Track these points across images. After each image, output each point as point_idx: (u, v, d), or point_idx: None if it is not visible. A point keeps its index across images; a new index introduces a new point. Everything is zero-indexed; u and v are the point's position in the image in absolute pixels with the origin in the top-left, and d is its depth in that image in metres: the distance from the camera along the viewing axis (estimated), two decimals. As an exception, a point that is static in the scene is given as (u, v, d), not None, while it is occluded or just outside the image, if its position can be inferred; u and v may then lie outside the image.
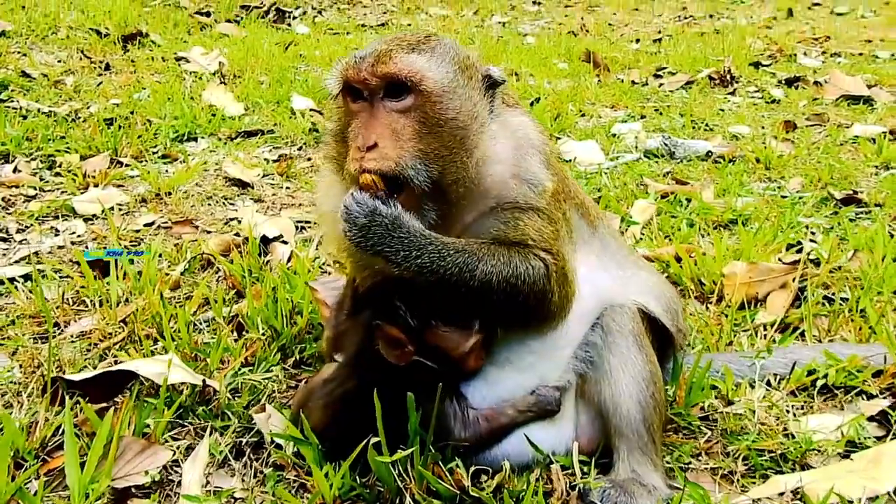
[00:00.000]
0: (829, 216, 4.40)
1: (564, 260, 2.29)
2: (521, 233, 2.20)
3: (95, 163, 4.77)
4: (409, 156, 2.05)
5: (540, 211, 2.24)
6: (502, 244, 2.18)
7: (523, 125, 2.34)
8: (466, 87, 2.16)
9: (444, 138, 2.10)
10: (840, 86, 7.60)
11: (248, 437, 2.44)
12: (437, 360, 2.16)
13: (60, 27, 8.53)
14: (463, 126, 2.13)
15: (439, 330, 2.15)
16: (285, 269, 3.34)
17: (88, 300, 3.20)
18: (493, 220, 2.22)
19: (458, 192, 2.16)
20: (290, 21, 10.72)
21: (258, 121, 5.99)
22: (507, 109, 2.35)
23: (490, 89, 2.24)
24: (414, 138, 2.07)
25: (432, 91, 2.09)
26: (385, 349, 2.15)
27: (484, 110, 2.20)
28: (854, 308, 3.28)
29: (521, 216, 2.21)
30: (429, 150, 2.08)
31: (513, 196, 2.22)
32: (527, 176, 2.24)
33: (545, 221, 2.25)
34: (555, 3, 15.81)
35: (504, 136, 2.26)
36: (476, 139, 2.17)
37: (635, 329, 2.39)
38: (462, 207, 2.21)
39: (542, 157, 2.30)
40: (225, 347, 2.81)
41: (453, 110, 2.11)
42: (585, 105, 7.10)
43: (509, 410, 2.27)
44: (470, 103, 2.16)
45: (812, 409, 2.68)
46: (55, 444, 2.35)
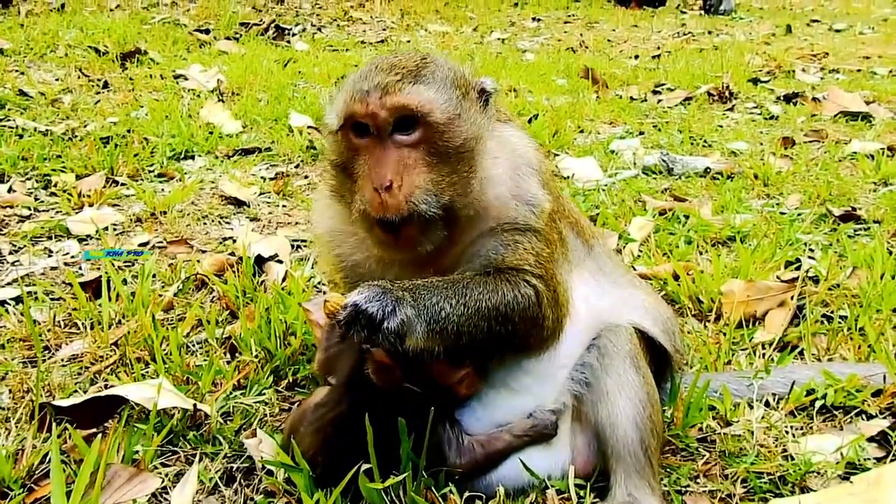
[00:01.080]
0: (827, 233, 4.37)
1: (557, 283, 2.26)
2: (518, 257, 2.18)
3: (91, 182, 4.75)
4: (423, 190, 2.02)
5: (538, 233, 2.22)
6: (494, 272, 2.16)
7: (520, 143, 2.31)
8: (468, 110, 2.14)
9: (453, 165, 2.08)
10: (838, 102, 7.59)
11: (238, 463, 2.40)
12: (426, 386, 2.13)
13: (59, 45, 8.58)
14: (469, 149, 2.12)
15: (429, 360, 2.12)
16: (279, 290, 3.31)
17: (80, 322, 3.17)
18: (492, 242, 2.19)
19: (467, 214, 2.14)
20: (290, 38, 10.76)
21: (256, 138, 5.98)
22: (501, 125, 2.32)
23: (485, 102, 2.22)
24: (426, 171, 2.04)
25: (441, 122, 2.07)
26: (375, 374, 2.12)
27: (483, 128, 2.18)
28: (853, 326, 3.25)
29: (521, 238, 2.19)
30: (440, 178, 2.06)
31: (512, 217, 2.19)
32: (526, 196, 2.22)
33: (542, 244, 2.23)
34: (554, 20, 15.89)
35: (502, 155, 2.24)
36: (479, 159, 2.15)
37: (632, 350, 2.36)
38: (464, 228, 2.19)
39: (540, 176, 2.28)
40: (217, 370, 2.78)
41: (460, 136, 2.10)
42: (584, 121, 7.10)
43: (505, 436, 2.23)
44: (474, 126, 2.14)
45: (811, 430, 2.64)
46: (42, 471, 2.31)
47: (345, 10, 13.72)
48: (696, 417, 2.60)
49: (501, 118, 2.35)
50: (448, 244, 2.17)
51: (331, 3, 14.44)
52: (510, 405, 2.29)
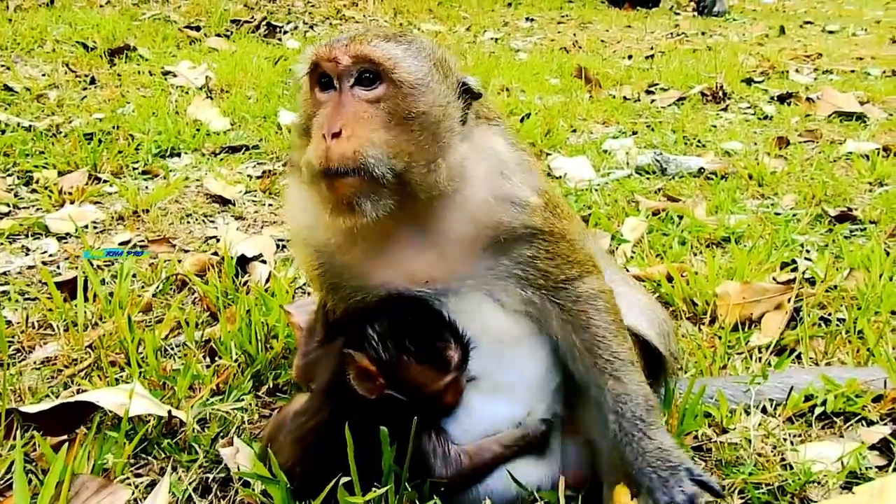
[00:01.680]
0: (823, 234, 4.30)
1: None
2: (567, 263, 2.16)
3: (73, 179, 4.65)
4: (374, 146, 1.90)
5: (540, 231, 2.13)
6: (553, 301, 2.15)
7: (503, 145, 2.19)
8: (440, 85, 2.02)
9: (412, 133, 1.96)
10: (832, 102, 7.55)
11: (214, 473, 2.30)
12: (410, 394, 2.04)
13: (47, 40, 8.44)
14: (434, 122, 1.99)
15: (412, 365, 2.03)
16: (262, 291, 3.21)
17: (55, 324, 3.06)
18: (524, 266, 2.12)
19: (427, 196, 2.01)
20: (281, 36, 10.64)
21: (244, 136, 5.88)
22: (486, 127, 2.21)
23: (466, 98, 2.10)
24: (381, 128, 1.93)
25: (405, 81, 1.96)
26: (356, 381, 2.02)
27: (456, 113, 2.06)
28: (851, 329, 3.17)
29: (553, 244, 2.14)
30: (395, 142, 1.93)
31: (504, 221, 2.08)
32: (511, 196, 2.10)
33: (551, 238, 2.16)
34: (548, 20, 15.81)
35: (482, 155, 2.12)
36: (447, 142, 2.03)
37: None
38: (428, 215, 2.06)
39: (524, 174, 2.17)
40: (194, 374, 2.68)
41: (424, 104, 1.98)
42: (577, 121, 7.02)
43: (494, 446, 2.13)
44: (443, 101, 2.02)
45: (810, 437, 2.55)
46: (7, 482, 2.20)
47: (337, 8, 13.60)
48: (692, 425, 2.51)
49: (489, 119, 2.24)
50: (430, 239, 2.08)
51: (323, 1, 14.31)
52: (502, 414, 2.18)
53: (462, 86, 2.09)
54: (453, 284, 2.11)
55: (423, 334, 2.05)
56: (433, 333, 2.05)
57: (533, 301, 2.15)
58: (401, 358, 2.02)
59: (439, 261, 2.09)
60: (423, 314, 2.07)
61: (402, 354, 2.02)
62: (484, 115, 2.22)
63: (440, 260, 2.09)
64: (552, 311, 2.15)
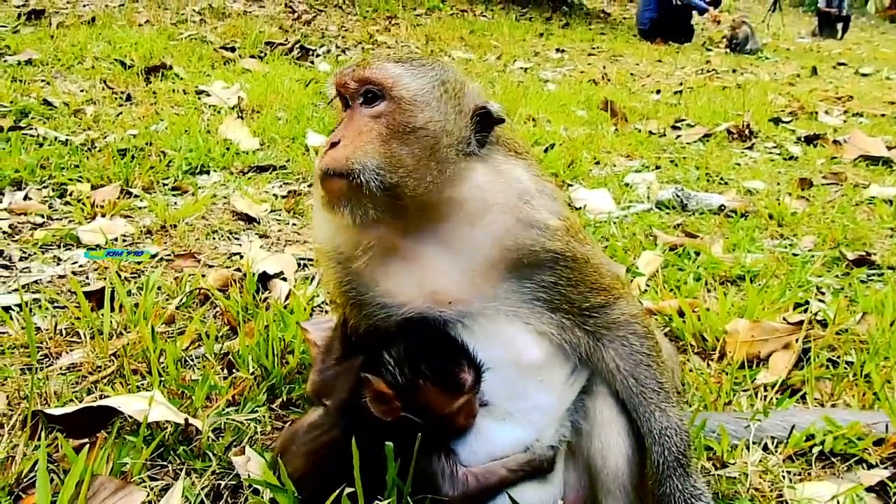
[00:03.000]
0: (839, 276, 4.32)
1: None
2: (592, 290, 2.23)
3: (106, 192, 4.80)
4: (367, 155, 2.04)
5: (563, 255, 2.20)
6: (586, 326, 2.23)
7: (523, 173, 2.26)
8: (444, 104, 2.13)
9: (409, 147, 2.08)
10: (860, 146, 7.53)
11: (226, 480, 2.39)
12: (425, 416, 2.11)
13: (86, 57, 8.68)
14: (432, 138, 2.09)
15: (427, 388, 2.10)
16: (281, 308, 3.31)
17: (81, 332, 3.18)
18: (548, 291, 2.19)
19: (427, 207, 2.12)
20: (314, 59, 10.85)
21: (272, 156, 6.02)
22: (508, 156, 2.29)
23: (482, 122, 2.19)
24: (376, 141, 2.06)
25: (403, 97, 2.09)
26: (372, 403, 2.09)
27: (463, 133, 2.15)
28: (859, 372, 3.20)
29: (576, 270, 2.21)
30: (391, 155, 2.06)
31: (526, 244, 2.15)
32: (532, 220, 2.18)
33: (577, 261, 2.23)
34: (578, 52, 15.96)
35: (502, 182, 2.20)
36: (451, 161, 2.12)
37: None
38: (462, 241, 2.15)
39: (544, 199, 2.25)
40: (212, 385, 2.78)
41: (423, 120, 2.09)
42: (601, 153, 7.09)
43: (501, 470, 2.18)
44: (444, 119, 2.12)
45: (809, 477, 2.59)
46: (31, 479, 2.30)
47: (370, 33, 13.84)
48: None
49: (516, 151, 2.32)
50: (449, 255, 2.15)
51: (357, 26, 14.57)
52: (512, 439, 2.23)
53: (479, 109, 2.19)
54: (476, 306, 2.18)
55: (437, 358, 2.11)
56: (447, 357, 2.12)
57: (563, 325, 2.22)
58: (416, 382, 2.09)
59: (462, 282, 2.17)
60: (437, 338, 2.14)
61: (417, 378, 2.09)
62: (510, 145, 2.31)
63: (463, 281, 2.17)
64: (583, 338, 2.24)
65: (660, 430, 2.18)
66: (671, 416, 2.20)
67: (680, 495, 2.15)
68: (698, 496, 2.17)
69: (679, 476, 2.16)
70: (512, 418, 2.24)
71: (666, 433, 2.18)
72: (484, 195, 2.16)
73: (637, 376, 2.22)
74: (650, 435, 2.19)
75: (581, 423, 2.29)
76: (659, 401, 2.20)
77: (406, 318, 2.19)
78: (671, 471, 2.16)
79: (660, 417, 2.19)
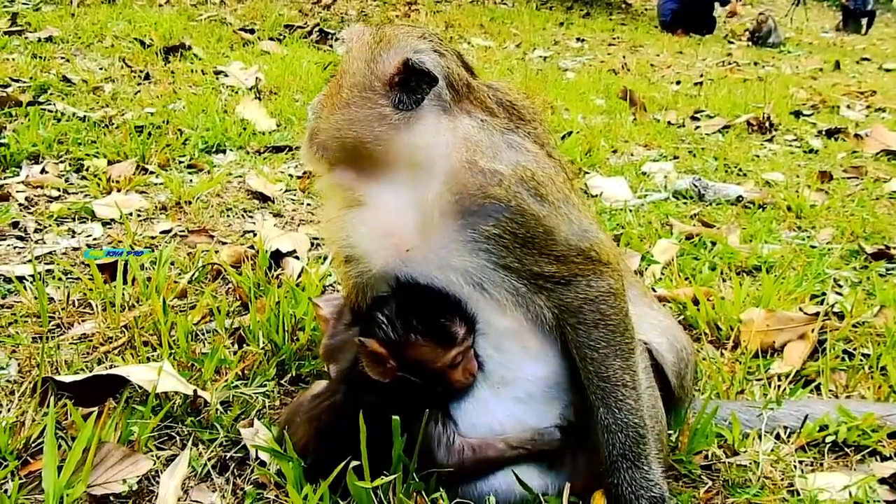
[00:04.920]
0: (857, 269, 4.26)
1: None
2: (545, 256, 2.13)
3: (122, 168, 4.81)
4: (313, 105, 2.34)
5: (509, 206, 2.09)
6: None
7: (473, 123, 2.21)
8: (364, 64, 2.22)
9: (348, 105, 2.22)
10: (882, 140, 7.43)
11: (233, 452, 2.39)
12: (421, 374, 2.10)
13: (106, 36, 8.71)
14: (356, 88, 2.21)
15: (419, 342, 2.09)
16: (293, 285, 3.31)
17: (94, 303, 3.19)
18: (493, 244, 2.09)
19: (372, 156, 2.18)
20: (332, 42, 10.83)
21: (288, 137, 6.01)
22: (469, 108, 2.25)
23: (412, 79, 2.14)
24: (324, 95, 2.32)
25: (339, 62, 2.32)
26: (369, 366, 2.09)
27: (386, 90, 2.18)
28: (875, 365, 3.15)
29: (522, 227, 2.09)
30: (335, 110, 2.24)
31: (468, 191, 2.09)
32: (486, 165, 2.12)
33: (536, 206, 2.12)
34: (598, 41, 15.84)
35: (446, 130, 2.17)
36: (385, 116, 2.16)
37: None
38: (416, 191, 2.15)
39: (502, 148, 2.19)
40: (221, 359, 2.77)
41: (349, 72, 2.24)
42: (618, 142, 7.03)
43: (499, 444, 2.17)
44: (364, 75, 2.21)
45: (821, 467, 2.56)
46: (39, 445, 2.31)
47: (390, 18, 13.81)
48: (702, 444, 2.54)
49: (481, 107, 2.26)
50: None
51: (376, 11, 14.54)
52: (506, 408, 2.20)
53: (406, 64, 2.14)
54: (432, 257, 2.12)
55: (427, 312, 2.10)
56: (437, 311, 2.10)
57: (518, 289, 2.12)
58: (408, 336, 2.08)
59: (415, 227, 2.14)
60: (428, 294, 2.13)
61: (409, 333, 2.08)
62: (484, 105, 2.27)
63: (415, 226, 2.14)
64: (539, 306, 2.15)
65: (605, 426, 2.14)
66: (617, 409, 2.13)
67: (627, 486, 2.13)
68: (648, 487, 2.14)
69: (627, 468, 2.13)
70: (507, 387, 2.20)
71: (609, 429, 2.14)
72: (426, 144, 2.15)
73: (586, 365, 2.14)
74: (597, 425, 2.16)
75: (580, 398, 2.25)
76: (603, 395, 2.13)
77: (383, 275, 2.19)
78: (618, 464, 2.14)
79: (604, 414, 2.13)
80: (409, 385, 2.10)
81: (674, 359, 2.46)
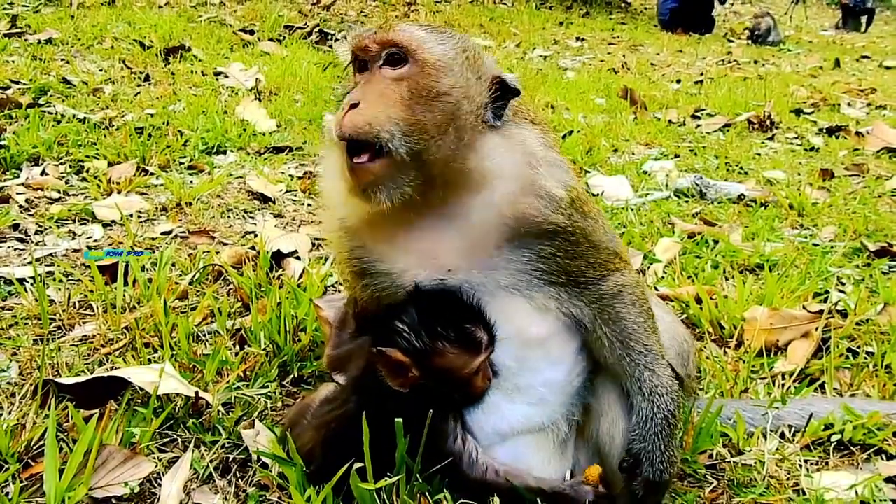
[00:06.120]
0: (860, 267, 4.25)
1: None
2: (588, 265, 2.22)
3: (122, 170, 4.80)
4: (387, 119, 1.98)
5: (566, 231, 2.17)
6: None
7: (534, 140, 2.22)
8: (466, 72, 2.10)
9: (432, 112, 2.03)
10: (883, 137, 7.42)
11: (235, 454, 2.38)
12: (442, 382, 2.08)
13: (106, 38, 8.68)
14: (454, 104, 2.05)
15: (446, 350, 2.07)
16: (294, 285, 3.29)
17: (94, 305, 3.18)
18: (545, 262, 2.16)
19: (445, 177, 2.07)
20: (332, 43, 10.80)
21: (288, 137, 6.00)
22: (526, 122, 2.26)
23: (500, 93, 2.15)
24: (399, 105, 2.00)
25: (427, 61, 2.04)
26: (389, 376, 2.07)
27: (482, 101, 2.12)
28: (879, 363, 3.14)
29: (574, 245, 2.18)
30: (413, 120, 2.00)
31: (531, 215, 2.12)
32: (542, 190, 2.14)
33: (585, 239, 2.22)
34: (598, 41, 15.82)
35: (512, 149, 2.17)
36: (470, 129, 2.08)
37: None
38: (465, 208, 2.11)
39: (554, 168, 2.21)
40: (223, 360, 2.76)
41: (446, 86, 2.05)
42: (619, 141, 7.02)
43: (528, 480, 2.13)
44: (466, 86, 2.08)
45: (826, 466, 2.55)
46: (40, 447, 2.30)
47: (389, 19, 13.79)
48: (707, 443, 2.53)
49: (532, 121, 2.28)
50: (448, 220, 2.12)
51: (376, 11, 14.53)
52: (519, 412, 2.21)
53: (496, 80, 2.15)
54: (476, 277, 2.14)
55: (452, 319, 2.08)
56: (459, 318, 2.09)
57: (560, 298, 2.19)
58: (435, 345, 2.06)
59: (462, 249, 2.13)
60: (447, 301, 2.11)
61: (436, 341, 2.06)
62: (528, 116, 2.28)
63: (463, 248, 2.13)
64: (579, 307, 2.21)
65: (650, 388, 2.15)
66: (661, 375, 2.17)
67: (659, 455, 2.11)
68: (673, 463, 2.14)
69: (664, 436, 2.12)
70: (521, 393, 2.22)
71: (657, 391, 2.15)
72: (492, 163, 2.12)
73: (623, 340, 2.19)
74: (639, 392, 2.16)
75: (591, 401, 2.28)
76: (647, 362, 2.18)
77: (411, 288, 2.16)
78: (658, 429, 2.12)
79: (649, 377, 2.16)
80: (426, 392, 2.08)
81: (676, 351, 2.47)
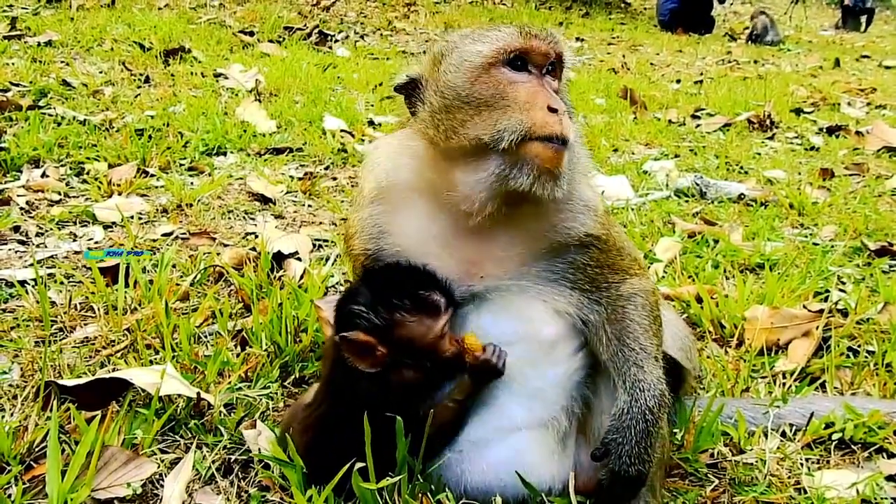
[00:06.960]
0: (860, 266, 4.25)
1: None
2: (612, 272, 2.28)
3: (122, 171, 4.80)
4: (570, 126, 2.08)
5: (602, 241, 2.25)
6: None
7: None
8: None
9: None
10: (883, 137, 7.41)
11: (237, 455, 2.38)
12: (411, 353, 2.08)
13: (105, 40, 8.71)
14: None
15: (406, 319, 2.06)
16: (295, 286, 3.30)
17: (96, 306, 3.18)
18: (575, 271, 2.21)
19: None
20: (332, 44, 10.83)
21: (288, 139, 6.01)
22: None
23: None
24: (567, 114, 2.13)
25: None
26: (356, 360, 2.06)
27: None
28: (880, 362, 3.14)
29: (605, 252, 2.25)
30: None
31: (579, 223, 2.20)
32: (584, 199, 2.23)
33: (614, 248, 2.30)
34: (598, 41, 15.83)
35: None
36: None
37: None
38: (520, 217, 2.17)
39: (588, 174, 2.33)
40: (225, 361, 2.77)
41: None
42: (619, 141, 7.03)
43: None
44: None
45: (828, 465, 2.55)
46: (42, 449, 2.30)
47: (389, 20, 13.81)
48: (708, 442, 2.53)
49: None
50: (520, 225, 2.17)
51: (375, 12, 14.54)
52: (520, 409, 2.21)
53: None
54: (505, 282, 2.19)
55: (405, 287, 2.09)
56: (413, 285, 2.10)
57: (581, 303, 2.24)
58: (393, 316, 2.06)
59: (504, 258, 2.19)
60: (398, 272, 2.14)
61: (393, 313, 2.06)
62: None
63: (505, 258, 2.18)
64: (596, 310, 2.25)
65: (633, 382, 2.15)
66: (648, 373, 2.17)
67: (628, 450, 2.09)
68: (644, 461, 2.10)
69: (638, 431, 2.10)
70: (524, 390, 2.23)
71: (639, 385, 2.14)
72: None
73: (622, 338, 2.21)
74: (622, 386, 2.17)
75: (592, 398, 2.29)
76: (638, 359, 2.19)
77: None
78: (633, 422, 2.10)
79: (636, 372, 2.17)
80: (400, 368, 2.08)
81: (678, 346, 2.52)
